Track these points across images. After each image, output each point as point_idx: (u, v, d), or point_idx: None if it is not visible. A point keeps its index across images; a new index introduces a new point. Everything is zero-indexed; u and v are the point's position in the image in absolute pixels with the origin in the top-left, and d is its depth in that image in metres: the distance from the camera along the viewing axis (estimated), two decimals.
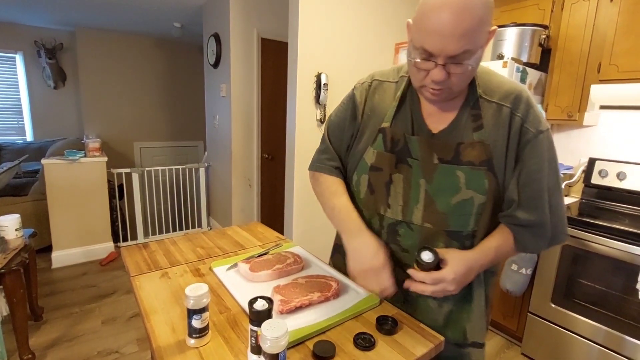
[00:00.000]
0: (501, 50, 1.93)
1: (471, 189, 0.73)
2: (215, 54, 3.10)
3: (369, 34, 2.35)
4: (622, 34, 1.69)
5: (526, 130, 0.72)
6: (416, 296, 0.81)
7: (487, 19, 0.63)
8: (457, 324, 0.82)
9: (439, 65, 0.64)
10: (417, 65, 0.68)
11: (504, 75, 0.79)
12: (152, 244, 1.14)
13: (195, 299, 0.64)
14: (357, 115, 0.87)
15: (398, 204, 0.79)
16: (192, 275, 0.94)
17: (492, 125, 0.73)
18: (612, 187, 1.93)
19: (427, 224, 0.77)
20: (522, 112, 0.72)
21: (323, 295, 0.80)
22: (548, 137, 0.73)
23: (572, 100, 1.89)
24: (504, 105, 0.73)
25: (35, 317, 2.06)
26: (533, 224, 0.73)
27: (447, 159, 0.74)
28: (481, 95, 0.75)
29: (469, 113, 0.75)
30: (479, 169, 0.72)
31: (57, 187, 2.67)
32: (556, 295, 1.76)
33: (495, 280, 0.88)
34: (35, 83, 4.41)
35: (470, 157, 0.73)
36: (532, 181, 0.72)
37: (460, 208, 0.74)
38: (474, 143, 0.73)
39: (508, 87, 0.75)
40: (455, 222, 0.75)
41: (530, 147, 0.72)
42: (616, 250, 1.55)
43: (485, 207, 0.74)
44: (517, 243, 0.76)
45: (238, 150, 3.11)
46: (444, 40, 0.61)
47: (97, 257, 2.92)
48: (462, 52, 0.62)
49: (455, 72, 0.65)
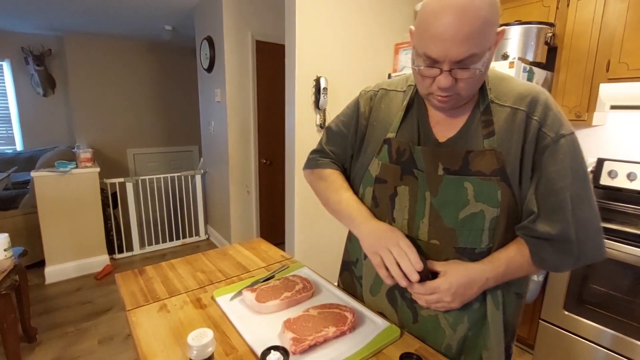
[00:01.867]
0: (506, 49, 1.87)
1: (481, 202, 0.67)
2: (209, 57, 3.01)
3: (369, 34, 2.28)
4: (632, 30, 1.63)
5: (544, 135, 0.65)
6: (427, 316, 0.76)
7: (492, 19, 0.58)
8: (473, 351, 0.75)
9: (444, 71, 0.61)
10: (421, 73, 0.64)
11: (521, 80, 0.73)
12: (148, 269, 1.06)
13: (199, 349, 0.57)
14: (360, 123, 0.85)
15: (403, 218, 0.75)
16: (193, 307, 0.86)
17: (504, 131, 0.67)
18: (623, 187, 1.88)
19: (434, 241, 0.71)
20: (539, 115, 0.66)
21: (339, 329, 0.73)
22: (572, 141, 0.65)
23: (581, 99, 1.83)
24: (518, 109, 0.67)
25: (29, 338, 1.97)
26: (554, 237, 0.65)
27: (454, 169, 0.69)
28: (493, 100, 0.70)
29: (479, 119, 0.70)
30: (490, 179, 0.66)
31: (49, 200, 2.58)
32: (568, 302, 1.71)
33: (521, 305, 0.80)
34: (24, 91, 4.29)
35: (480, 166, 0.67)
36: (552, 191, 0.65)
37: (470, 222, 0.68)
38: (485, 151, 0.67)
39: (523, 90, 0.69)
40: (465, 238, 0.69)
41: (549, 152, 0.65)
42: (628, 255, 1.50)
43: (499, 221, 0.67)
44: (534, 257, 0.67)
45: (235, 156, 3.03)
46: (446, 45, 0.58)
47: (92, 270, 2.83)
48: (468, 56, 0.58)
49: (462, 78, 0.61)
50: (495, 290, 0.72)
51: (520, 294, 0.77)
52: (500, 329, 0.75)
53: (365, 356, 0.68)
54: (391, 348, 0.72)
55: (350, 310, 0.79)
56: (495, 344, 0.75)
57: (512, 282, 0.74)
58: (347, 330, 0.74)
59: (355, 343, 0.71)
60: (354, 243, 0.90)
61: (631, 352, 1.52)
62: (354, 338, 0.73)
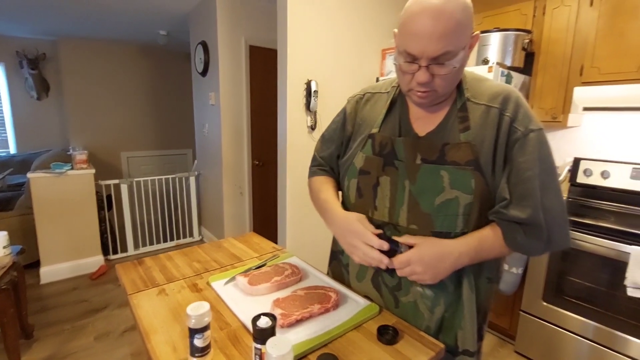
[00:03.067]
0: (486, 54, 1.98)
1: (456, 189, 0.73)
2: (203, 62, 3.09)
3: (357, 40, 2.38)
4: (603, 37, 1.75)
5: (515, 130, 0.72)
6: (406, 302, 0.82)
7: (465, 22, 0.66)
8: (450, 330, 0.82)
9: (422, 67, 0.68)
10: (402, 69, 0.71)
11: (493, 81, 0.80)
12: (147, 259, 1.12)
13: (197, 317, 0.64)
14: (347, 125, 0.93)
15: (385, 206, 0.81)
16: (190, 291, 0.93)
17: (479, 126, 0.74)
18: (597, 185, 1.99)
19: (413, 226, 0.78)
20: (511, 112, 0.73)
21: (323, 306, 0.80)
22: (540, 136, 0.72)
23: (556, 102, 1.94)
24: (492, 106, 0.74)
25: (26, 335, 2.01)
26: (524, 221, 0.71)
27: (431, 159, 0.76)
28: (469, 98, 0.76)
29: (456, 115, 0.76)
30: (464, 169, 0.73)
31: (44, 201, 2.61)
32: (547, 293, 1.80)
33: (493, 289, 0.87)
34: (18, 94, 4.32)
35: (455, 157, 0.74)
36: (522, 180, 0.71)
37: (445, 208, 0.74)
38: (460, 144, 0.74)
39: (497, 89, 0.76)
40: (440, 223, 0.75)
41: (519, 145, 0.72)
42: (603, 247, 1.60)
43: (472, 207, 0.73)
44: (506, 238, 0.73)
45: (228, 158, 3.09)
46: (423, 41, 0.65)
47: (87, 271, 2.86)
48: (443, 53, 0.65)
49: (439, 74, 0.68)
50: (469, 275, 0.79)
51: (491, 279, 0.84)
52: (474, 311, 0.82)
53: (347, 329, 0.76)
54: (371, 323, 0.80)
55: (334, 291, 0.87)
56: (469, 324, 0.82)
57: (485, 267, 0.81)
58: (331, 308, 0.82)
59: (338, 318, 0.79)
60: None
61: (607, 340, 1.61)
62: (337, 314, 0.81)
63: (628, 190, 1.88)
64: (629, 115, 1.94)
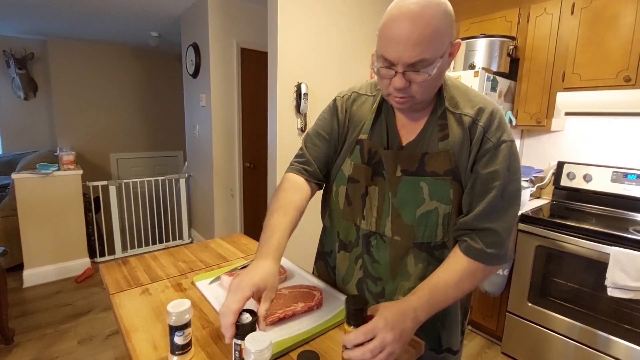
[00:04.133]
0: (472, 60, 2.02)
1: (435, 200, 0.74)
2: (195, 64, 3.08)
3: (347, 44, 2.40)
4: (583, 45, 1.80)
5: (487, 140, 0.72)
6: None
7: (444, 30, 0.64)
8: (431, 331, 0.82)
9: (398, 73, 0.66)
10: (379, 73, 0.70)
11: (477, 92, 0.80)
12: (132, 259, 1.11)
13: (177, 315, 0.63)
14: (340, 125, 0.88)
15: (372, 216, 0.81)
16: (174, 291, 0.92)
17: (457, 135, 0.74)
18: (580, 188, 2.03)
19: (396, 237, 0.79)
20: (484, 122, 0.73)
21: (307, 305, 0.81)
22: (510, 147, 0.72)
23: (540, 107, 1.99)
24: (467, 115, 0.74)
25: (6, 340, 1.96)
26: (482, 228, 0.71)
27: (411, 170, 0.76)
28: (447, 107, 0.76)
29: (435, 123, 0.76)
30: (443, 179, 0.74)
31: (29, 203, 2.57)
32: (532, 295, 1.83)
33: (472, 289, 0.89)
34: (4, 94, 4.25)
35: (434, 167, 0.74)
36: (488, 189, 0.71)
37: (426, 219, 0.75)
38: (439, 152, 0.74)
39: (475, 101, 0.76)
40: (422, 233, 0.76)
41: (489, 156, 0.72)
42: (585, 249, 1.63)
43: (451, 217, 0.75)
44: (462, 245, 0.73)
45: (219, 160, 3.08)
46: (399, 48, 0.63)
47: (73, 273, 2.81)
48: (419, 60, 0.64)
49: (415, 81, 0.67)
50: None
51: None
52: (457, 311, 0.84)
53: (329, 326, 0.76)
54: None
55: (319, 290, 0.87)
56: (454, 324, 0.84)
57: None
58: (314, 306, 0.82)
59: (321, 316, 0.79)
60: (328, 236, 0.97)
61: (591, 340, 1.64)
62: (320, 312, 0.81)
63: (608, 193, 1.93)
64: (608, 120, 1.99)
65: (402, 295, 0.80)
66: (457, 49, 0.70)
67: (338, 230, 0.91)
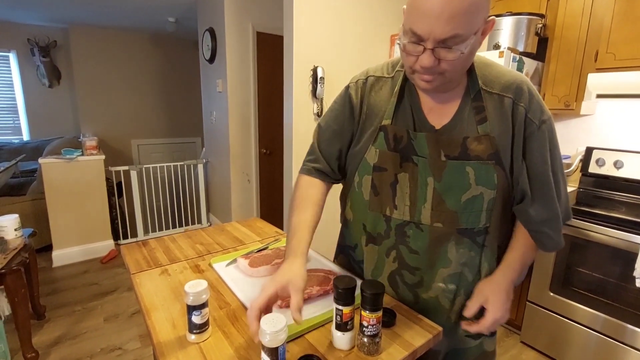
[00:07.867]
0: (497, 40, 1.92)
1: (481, 185, 0.72)
2: (211, 49, 3.08)
3: (365, 25, 2.33)
4: (619, 22, 1.68)
5: (530, 122, 0.71)
6: (427, 297, 0.81)
7: (481, 4, 0.59)
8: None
9: (427, 49, 0.61)
10: (406, 49, 0.65)
11: (502, 65, 0.77)
12: (151, 241, 1.14)
13: (194, 295, 0.64)
14: (355, 115, 0.83)
15: (405, 204, 0.77)
16: (192, 272, 0.94)
17: (495, 117, 0.71)
18: (610, 175, 1.93)
19: (437, 224, 0.75)
20: (525, 102, 0.71)
21: (322, 288, 0.81)
22: (550, 125, 0.73)
23: (570, 89, 1.88)
24: (505, 96, 0.71)
25: (38, 315, 2.07)
26: (547, 218, 0.75)
27: (454, 155, 0.72)
28: (482, 87, 0.72)
29: (470, 106, 0.72)
30: (487, 164, 0.71)
31: (56, 186, 2.67)
32: (554, 284, 1.78)
33: None
34: (30, 82, 4.38)
35: (477, 151, 0.71)
36: (539, 174, 0.73)
37: (471, 205, 0.73)
38: (480, 137, 0.71)
39: (509, 77, 0.72)
40: (466, 219, 0.74)
41: (535, 138, 0.71)
42: (613, 238, 1.56)
43: (495, 202, 0.73)
44: (539, 244, 0.79)
45: (236, 146, 3.10)
46: (431, 22, 0.58)
47: (98, 255, 2.93)
48: (452, 36, 0.59)
49: (445, 58, 0.62)
50: (485, 263, 0.79)
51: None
52: None
53: None
54: None
55: (334, 274, 0.87)
56: None
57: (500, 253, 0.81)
58: (330, 290, 0.82)
59: None
60: (351, 229, 0.91)
61: (615, 332, 1.58)
62: None
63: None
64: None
65: (441, 283, 0.79)
66: (490, 26, 0.65)
67: (364, 223, 0.85)
